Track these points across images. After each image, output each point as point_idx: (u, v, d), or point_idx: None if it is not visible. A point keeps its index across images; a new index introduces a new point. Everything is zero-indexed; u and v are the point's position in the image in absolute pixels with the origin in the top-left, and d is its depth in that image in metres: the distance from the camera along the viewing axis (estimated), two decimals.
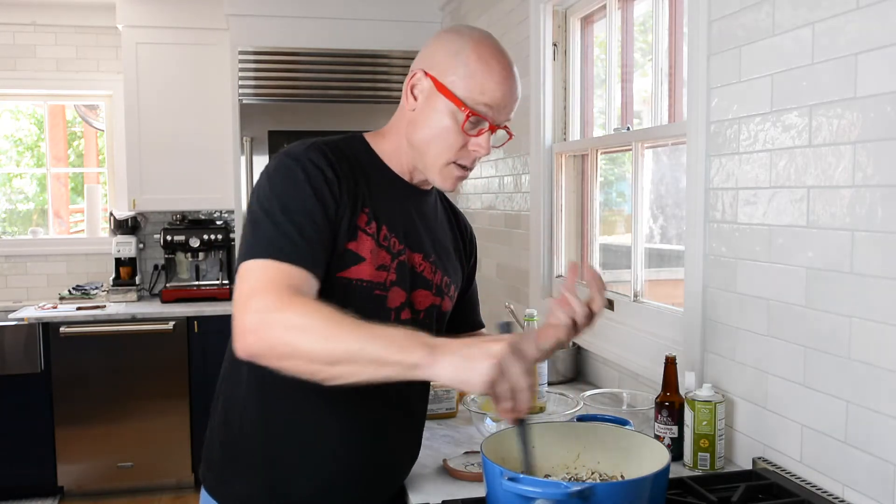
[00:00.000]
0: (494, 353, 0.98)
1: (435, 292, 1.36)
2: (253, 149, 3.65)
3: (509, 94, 1.24)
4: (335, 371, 1.03)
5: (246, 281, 1.13)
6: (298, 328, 1.04)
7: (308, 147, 1.24)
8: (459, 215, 1.52)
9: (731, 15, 1.56)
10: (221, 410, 1.35)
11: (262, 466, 1.28)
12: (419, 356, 0.99)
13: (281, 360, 1.06)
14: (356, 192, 1.25)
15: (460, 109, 1.22)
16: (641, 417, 1.68)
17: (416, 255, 1.33)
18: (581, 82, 2.60)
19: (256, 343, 1.07)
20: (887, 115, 1.18)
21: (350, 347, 1.02)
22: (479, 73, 1.22)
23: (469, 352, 0.99)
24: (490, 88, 1.22)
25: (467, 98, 1.22)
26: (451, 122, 1.23)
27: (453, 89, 1.22)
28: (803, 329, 1.37)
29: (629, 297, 2.17)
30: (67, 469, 3.81)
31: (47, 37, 4.41)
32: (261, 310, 1.07)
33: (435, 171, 1.28)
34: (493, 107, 1.23)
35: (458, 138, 1.24)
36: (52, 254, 4.50)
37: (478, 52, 1.23)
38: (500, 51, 1.26)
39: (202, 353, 3.89)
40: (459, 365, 0.98)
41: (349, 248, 1.23)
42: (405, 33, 3.78)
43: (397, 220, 1.30)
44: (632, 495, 1.03)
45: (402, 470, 1.43)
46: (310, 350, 1.03)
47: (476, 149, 1.25)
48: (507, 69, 1.24)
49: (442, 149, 1.25)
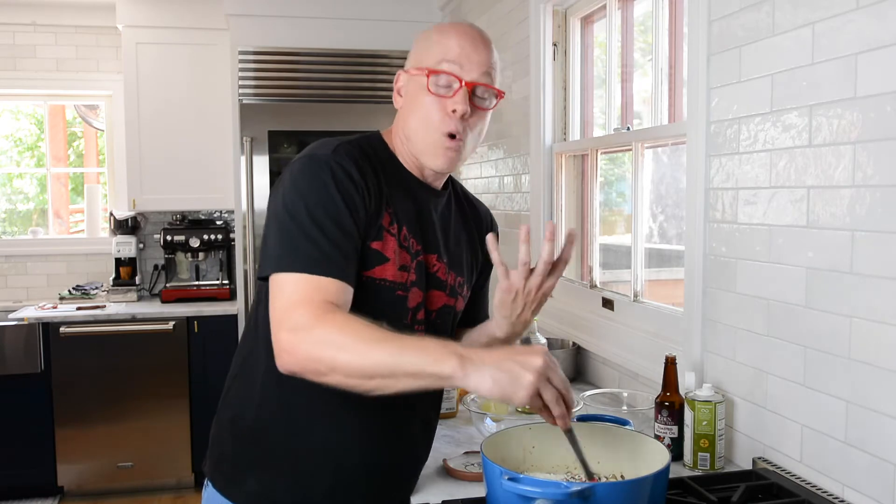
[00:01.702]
0: (536, 367, 1.00)
1: (449, 293, 1.37)
2: (253, 149, 3.65)
3: (472, 49, 1.25)
4: (373, 384, 1.07)
5: (281, 297, 1.14)
6: (334, 346, 1.07)
7: (334, 149, 1.23)
8: (478, 205, 1.50)
9: (731, 15, 1.56)
10: (233, 407, 1.34)
11: (277, 463, 1.28)
12: (452, 368, 1.02)
13: (319, 376, 1.09)
14: (380, 192, 1.25)
15: (423, 75, 1.25)
16: (641, 417, 1.68)
17: (431, 256, 1.33)
18: (581, 82, 2.60)
19: (294, 362, 1.10)
20: (887, 115, 1.18)
21: (385, 362, 1.05)
22: (435, 38, 1.27)
23: (507, 365, 1.01)
24: (449, 46, 1.25)
25: (430, 64, 1.25)
26: (424, 94, 1.25)
27: (418, 65, 1.27)
28: (803, 329, 1.37)
29: (629, 297, 2.17)
30: (67, 469, 3.81)
31: (47, 37, 4.41)
32: (297, 328, 1.09)
33: (426, 149, 1.28)
34: (454, 60, 1.24)
35: (434, 105, 1.24)
36: (52, 254, 4.50)
37: (437, 27, 1.29)
38: (463, 24, 1.29)
39: (202, 353, 3.89)
40: (501, 378, 1.00)
41: (374, 247, 1.23)
42: (405, 33, 3.77)
43: (414, 220, 1.31)
44: (632, 495, 1.03)
45: (416, 469, 1.43)
46: (346, 366, 1.06)
47: (454, 107, 1.24)
48: (467, 31, 1.27)
49: (424, 122, 1.26)
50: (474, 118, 1.27)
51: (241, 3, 3.70)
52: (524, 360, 1.01)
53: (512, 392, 1.00)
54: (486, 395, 1.03)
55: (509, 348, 1.05)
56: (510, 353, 1.03)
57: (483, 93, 1.27)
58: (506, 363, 1.01)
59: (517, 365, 1.01)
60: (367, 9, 3.79)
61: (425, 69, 1.24)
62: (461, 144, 1.27)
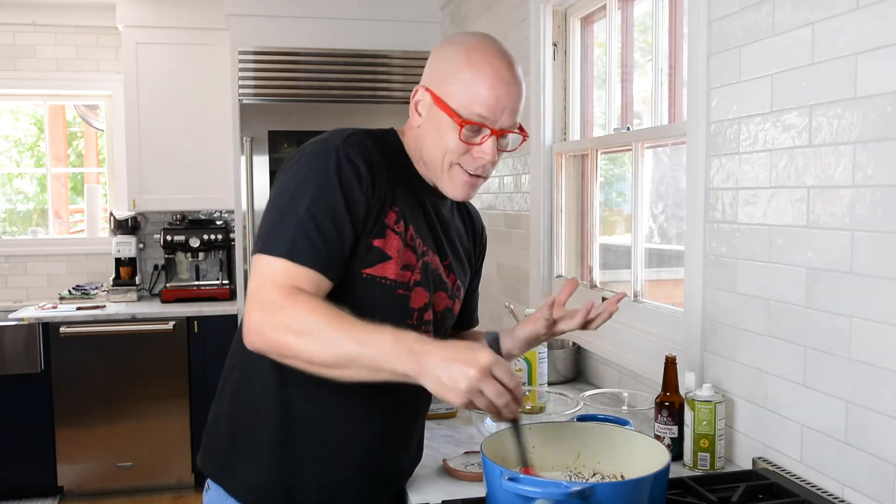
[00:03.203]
0: (469, 378, 0.98)
1: (449, 295, 1.38)
2: (253, 149, 3.65)
3: (505, 97, 1.22)
4: (334, 373, 1.09)
5: (257, 275, 1.15)
6: (296, 331, 1.08)
7: (346, 138, 1.23)
8: (473, 213, 1.52)
9: (731, 15, 1.56)
10: (231, 398, 1.35)
11: (271, 455, 1.28)
12: (406, 366, 1.02)
13: (282, 358, 1.12)
14: (388, 189, 1.25)
15: (455, 121, 1.22)
16: (641, 417, 1.68)
17: (436, 258, 1.34)
18: (581, 82, 2.60)
19: (259, 342, 1.12)
20: (887, 115, 1.18)
21: (346, 353, 1.06)
22: (470, 81, 1.21)
23: (451, 369, 0.99)
24: (483, 96, 1.21)
25: (461, 108, 1.21)
26: (450, 134, 1.23)
27: (448, 101, 1.22)
28: (803, 329, 1.37)
29: (629, 297, 2.17)
30: (67, 469, 3.81)
31: (47, 37, 4.41)
32: (264, 308, 1.11)
33: (444, 179, 1.28)
34: (488, 113, 1.22)
35: (459, 147, 1.24)
36: (52, 254, 4.50)
37: (469, 60, 1.22)
38: (495, 52, 1.23)
39: (202, 353, 3.89)
40: (443, 379, 1.00)
41: (376, 244, 1.23)
42: (405, 33, 3.77)
43: (421, 221, 1.31)
44: (632, 495, 1.03)
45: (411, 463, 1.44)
46: (308, 353, 1.08)
47: (480, 155, 1.24)
48: (500, 71, 1.22)
49: (445, 154, 1.26)
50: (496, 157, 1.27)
51: (241, 3, 3.70)
52: (463, 371, 0.98)
53: (448, 397, 1.00)
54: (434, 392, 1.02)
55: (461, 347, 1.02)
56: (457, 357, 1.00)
57: (508, 136, 1.27)
58: (450, 367, 0.99)
59: (458, 374, 0.98)
60: (367, 9, 3.79)
61: (456, 116, 1.21)
62: (481, 180, 1.30)
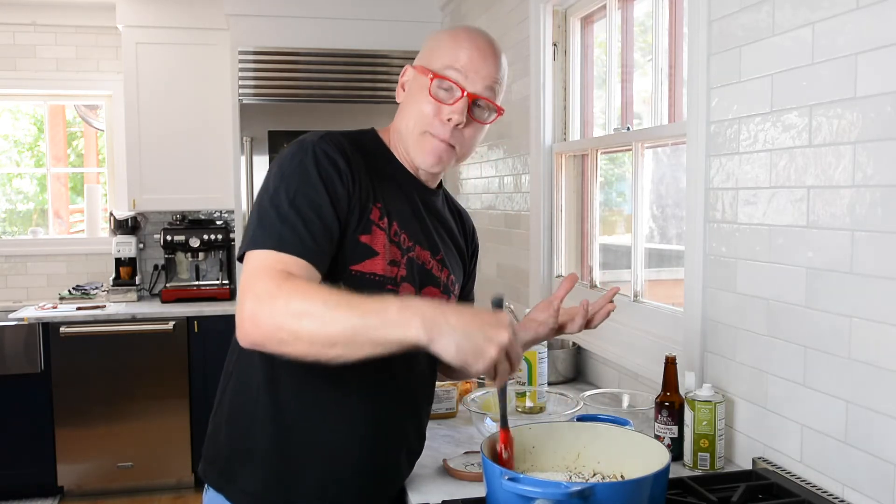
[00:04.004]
0: (501, 342, 0.99)
1: (443, 290, 1.37)
2: (253, 149, 3.65)
3: (479, 60, 1.25)
4: (337, 352, 1.04)
5: (246, 271, 1.14)
6: (296, 313, 1.05)
7: (322, 137, 1.24)
8: (464, 214, 1.53)
9: (731, 15, 1.56)
10: (227, 405, 1.34)
11: (269, 460, 1.28)
12: (416, 333, 1.00)
13: (281, 345, 1.07)
14: (369, 185, 1.26)
15: (427, 76, 1.25)
16: (641, 417, 1.68)
17: (425, 253, 1.34)
18: (581, 82, 2.60)
19: (256, 331, 1.08)
20: (887, 115, 1.18)
21: (348, 328, 1.02)
22: (448, 44, 1.27)
23: (474, 335, 0.99)
24: (458, 55, 1.25)
25: (437, 68, 1.26)
26: (424, 94, 1.26)
27: (424, 63, 1.28)
28: (803, 329, 1.37)
29: (629, 297, 2.17)
30: (67, 469, 3.81)
31: (47, 37, 4.41)
32: (258, 298, 1.08)
33: (413, 146, 1.30)
34: (460, 70, 1.24)
35: (431, 108, 1.26)
36: (52, 254, 4.50)
37: (452, 33, 1.29)
38: (478, 32, 1.29)
39: (202, 353, 3.89)
40: (465, 346, 0.99)
41: (363, 241, 1.24)
42: (405, 33, 3.77)
43: (407, 216, 1.32)
44: (632, 495, 1.03)
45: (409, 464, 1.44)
46: (309, 334, 1.04)
47: (450, 115, 1.25)
48: (479, 42, 1.27)
49: (417, 120, 1.27)
50: (470, 129, 1.29)
51: (241, 3, 3.70)
52: (491, 335, 1.00)
53: (472, 363, 1.00)
54: (448, 361, 1.01)
55: (478, 313, 1.02)
56: (479, 322, 1.01)
57: (483, 106, 1.28)
58: (473, 332, 0.99)
59: (484, 338, 0.99)
60: (367, 9, 3.79)
61: (430, 72, 1.25)
62: (452, 151, 1.30)
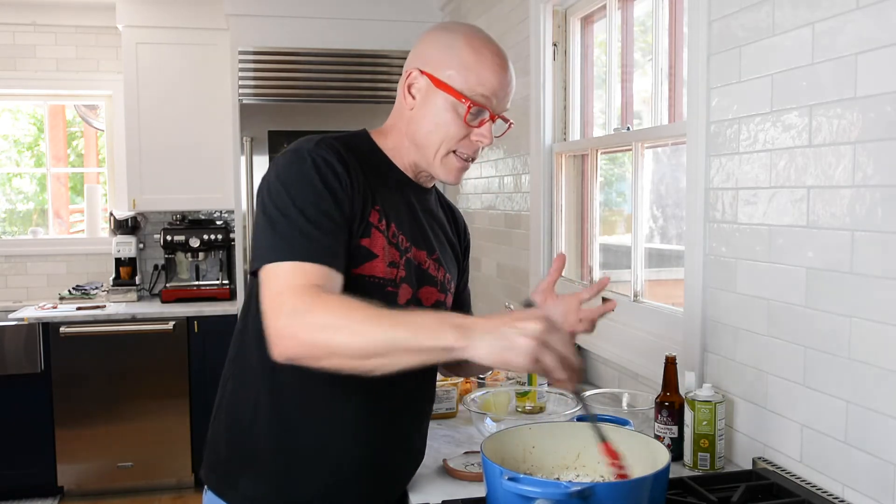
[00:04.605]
0: (532, 331, 0.98)
1: (440, 289, 1.38)
2: (253, 149, 3.65)
3: (505, 81, 1.27)
4: (372, 363, 1.05)
5: (272, 285, 1.13)
6: (331, 327, 1.05)
7: (317, 143, 1.24)
8: (456, 212, 1.54)
9: (731, 15, 1.56)
10: (227, 409, 1.34)
11: (270, 465, 1.28)
12: (452, 339, 1.00)
13: (319, 360, 1.08)
14: (366, 188, 1.26)
15: (461, 102, 1.24)
16: (641, 417, 1.68)
17: (421, 253, 1.34)
18: (581, 82, 2.60)
19: (293, 347, 1.08)
20: (887, 115, 1.18)
21: (382, 340, 1.03)
22: (474, 64, 1.25)
23: (505, 332, 0.99)
24: (486, 78, 1.25)
25: (465, 90, 1.24)
26: (452, 115, 1.26)
27: (451, 83, 1.25)
28: (803, 329, 1.37)
29: (629, 297, 2.17)
30: (67, 469, 3.81)
31: (47, 37, 4.41)
32: (291, 313, 1.08)
33: (437, 164, 1.30)
34: (490, 96, 1.26)
35: (460, 130, 1.27)
36: (52, 254, 4.50)
37: (471, 45, 1.26)
38: (491, 41, 1.29)
39: (202, 353, 3.89)
40: (498, 345, 0.99)
41: (363, 244, 1.24)
42: (405, 33, 3.77)
43: (403, 217, 1.32)
44: (632, 495, 1.03)
45: (410, 469, 1.44)
46: (345, 348, 1.05)
47: (479, 139, 1.28)
48: (500, 57, 1.28)
49: (443, 141, 1.28)
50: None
51: (241, 3, 3.70)
52: (521, 327, 0.99)
53: (510, 359, 0.98)
54: (487, 364, 1.01)
55: (507, 314, 1.03)
56: (507, 320, 1.01)
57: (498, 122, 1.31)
58: (503, 330, 0.99)
59: (514, 332, 0.98)
60: (367, 9, 3.79)
61: (461, 96, 1.24)
62: (469, 165, 1.33)
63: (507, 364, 1.00)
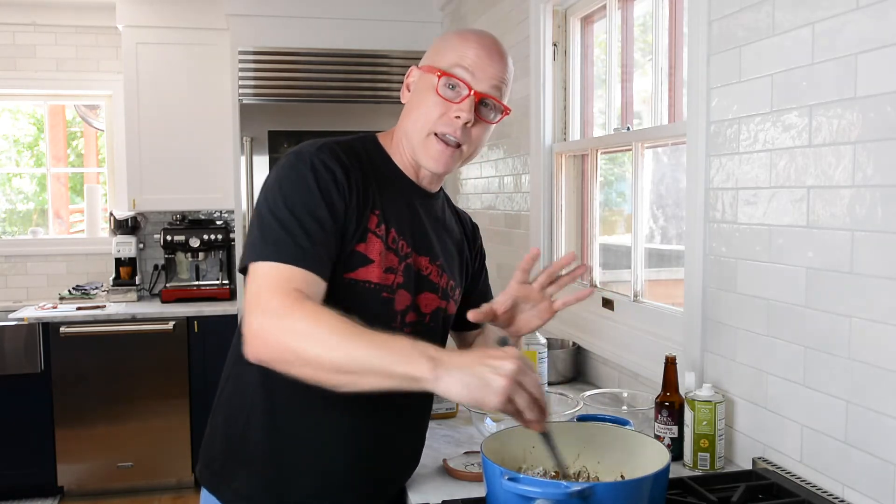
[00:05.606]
0: (507, 371, 0.97)
1: (441, 296, 1.37)
2: (253, 149, 3.65)
3: (486, 58, 1.25)
4: (340, 379, 1.04)
5: (253, 284, 1.13)
6: (304, 335, 1.04)
7: (319, 147, 1.24)
8: (464, 217, 1.52)
9: (731, 15, 1.56)
10: (225, 408, 1.34)
11: (264, 464, 1.28)
12: (422, 370, 0.99)
13: (287, 365, 1.07)
14: (367, 193, 1.25)
15: (434, 75, 1.25)
16: (641, 417, 1.68)
17: (422, 259, 1.33)
18: (581, 82, 2.60)
19: (263, 349, 1.08)
20: (887, 115, 1.18)
21: (355, 358, 1.02)
22: (454, 42, 1.27)
23: (479, 370, 0.98)
24: (465, 54, 1.25)
25: (444, 66, 1.25)
26: (431, 94, 1.26)
27: (433, 63, 1.27)
28: (803, 329, 1.37)
29: (629, 297, 2.17)
30: (67, 469, 3.81)
31: (47, 37, 4.41)
32: (267, 314, 1.07)
33: (420, 149, 1.28)
34: (468, 68, 1.24)
35: (437, 105, 1.25)
36: (52, 254, 4.50)
37: (459, 32, 1.30)
38: (485, 33, 1.30)
39: (202, 353, 3.89)
40: (471, 383, 0.97)
41: (358, 249, 1.23)
42: (405, 33, 3.77)
43: (405, 222, 1.31)
44: (632, 495, 1.03)
45: (405, 472, 1.43)
46: (315, 358, 1.04)
47: (458, 113, 1.24)
48: (488, 40, 1.27)
49: (423, 119, 1.26)
50: (476, 128, 1.28)
51: (241, 3, 3.70)
52: (496, 365, 0.98)
53: (482, 397, 0.97)
54: (457, 401, 1.00)
55: (483, 351, 1.02)
56: (483, 357, 1.00)
57: (490, 105, 1.28)
58: (477, 368, 0.98)
59: (489, 370, 0.97)
60: (367, 9, 3.79)
61: (437, 70, 1.25)
62: (459, 152, 1.28)
63: (478, 402, 0.98)
